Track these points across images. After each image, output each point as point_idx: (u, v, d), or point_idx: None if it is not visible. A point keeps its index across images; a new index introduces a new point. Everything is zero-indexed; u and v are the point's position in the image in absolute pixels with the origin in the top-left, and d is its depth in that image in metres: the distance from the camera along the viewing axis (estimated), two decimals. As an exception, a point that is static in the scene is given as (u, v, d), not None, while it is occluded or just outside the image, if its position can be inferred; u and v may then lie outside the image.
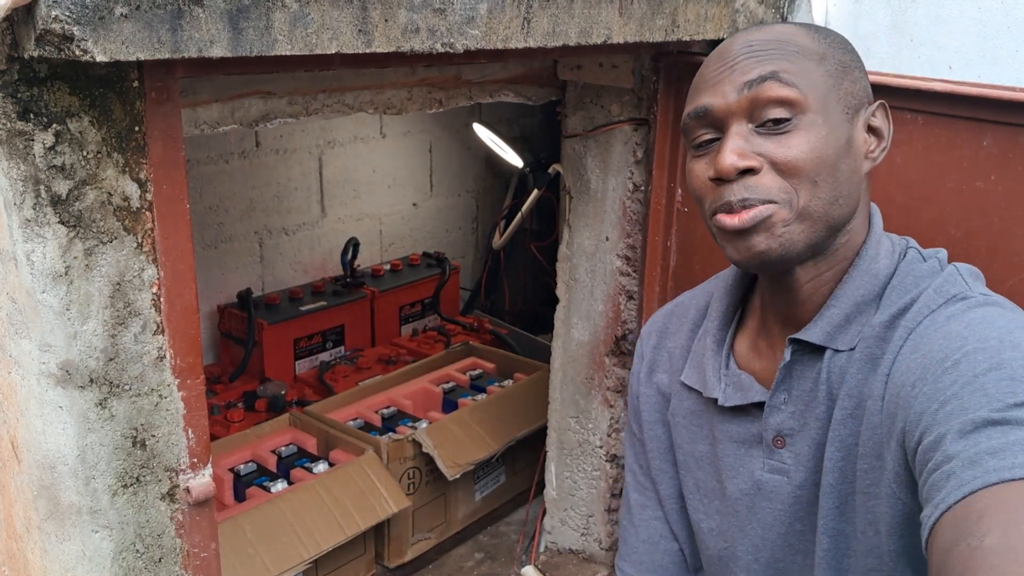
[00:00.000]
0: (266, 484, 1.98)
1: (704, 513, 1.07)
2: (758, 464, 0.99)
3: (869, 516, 0.89)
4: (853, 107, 0.91)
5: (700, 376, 1.04)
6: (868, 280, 0.92)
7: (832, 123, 0.88)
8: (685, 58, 1.61)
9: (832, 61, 0.91)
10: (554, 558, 2.10)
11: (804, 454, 0.95)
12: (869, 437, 0.88)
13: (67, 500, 1.07)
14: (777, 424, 0.96)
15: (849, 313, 0.92)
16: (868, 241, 0.94)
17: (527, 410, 2.29)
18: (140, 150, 1.02)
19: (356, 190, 3.01)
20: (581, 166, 1.85)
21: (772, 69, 0.88)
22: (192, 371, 1.13)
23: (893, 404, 0.84)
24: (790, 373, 0.95)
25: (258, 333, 2.48)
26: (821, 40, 0.92)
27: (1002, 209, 1.24)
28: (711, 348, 1.03)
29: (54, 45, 0.84)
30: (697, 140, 0.93)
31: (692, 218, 1.67)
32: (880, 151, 0.94)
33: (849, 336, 0.92)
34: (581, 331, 1.93)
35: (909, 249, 0.96)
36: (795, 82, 0.87)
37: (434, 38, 1.10)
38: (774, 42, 0.91)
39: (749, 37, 0.93)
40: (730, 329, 1.04)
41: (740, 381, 1.00)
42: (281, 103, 1.36)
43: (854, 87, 0.92)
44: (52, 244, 0.97)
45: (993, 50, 1.38)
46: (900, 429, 0.81)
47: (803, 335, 0.93)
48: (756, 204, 0.87)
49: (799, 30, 0.93)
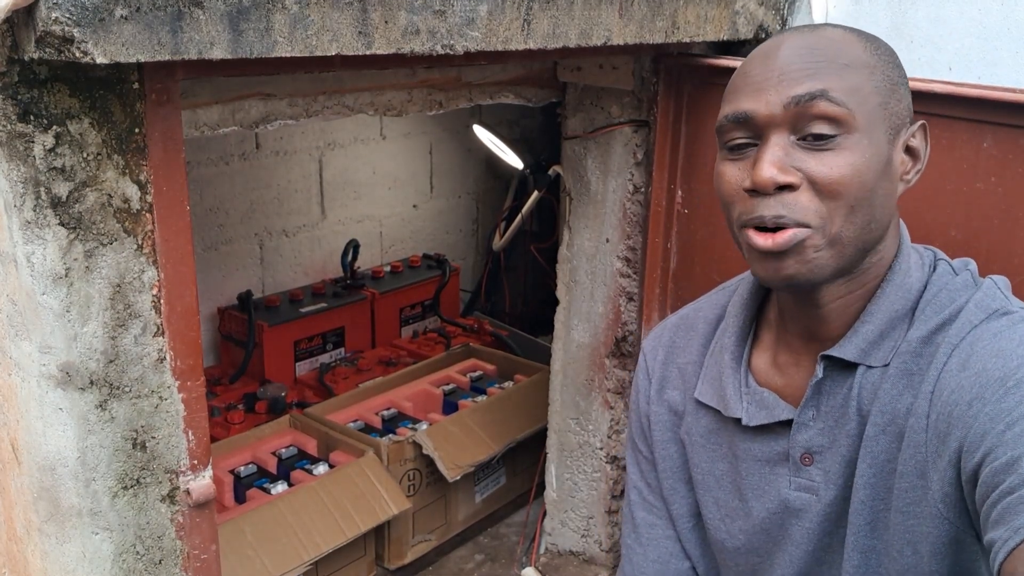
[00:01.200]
0: (266, 486, 1.98)
1: (727, 533, 1.03)
2: (784, 483, 0.96)
3: (908, 536, 0.86)
4: (896, 127, 0.87)
5: (718, 394, 1.01)
6: (902, 295, 0.90)
7: (875, 144, 0.85)
8: (685, 60, 1.61)
9: (881, 76, 0.87)
10: (554, 560, 2.10)
11: (834, 471, 0.93)
12: (911, 456, 0.85)
13: (67, 502, 1.07)
14: (805, 441, 0.94)
15: (883, 329, 0.90)
16: (899, 256, 0.92)
17: (527, 412, 2.29)
18: (140, 152, 1.02)
19: (356, 192, 3.01)
20: (581, 168, 1.85)
21: (823, 87, 0.83)
22: (192, 373, 1.13)
23: (944, 423, 0.81)
24: (820, 390, 0.93)
25: (258, 335, 2.48)
26: (872, 52, 0.88)
27: (1002, 211, 1.24)
28: (729, 365, 1.00)
29: (54, 47, 0.84)
30: (731, 143, 0.89)
31: (692, 220, 1.67)
32: (915, 173, 0.91)
33: (883, 352, 0.90)
34: (581, 333, 1.93)
35: (939, 261, 0.93)
36: (845, 101, 0.83)
37: (434, 40, 1.10)
38: (825, 51, 0.86)
39: (799, 42, 0.88)
40: (747, 344, 1.01)
41: (763, 399, 0.97)
42: (281, 105, 1.36)
43: (899, 106, 0.88)
44: (52, 246, 0.97)
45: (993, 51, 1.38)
46: (955, 449, 0.79)
47: (837, 352, 0.91)
48: (790, 225, 0.84)
49: (850, 37, 0.88)
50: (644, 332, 1.77)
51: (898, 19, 1.48)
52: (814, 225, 0.84)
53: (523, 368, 2.57)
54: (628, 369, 1.86)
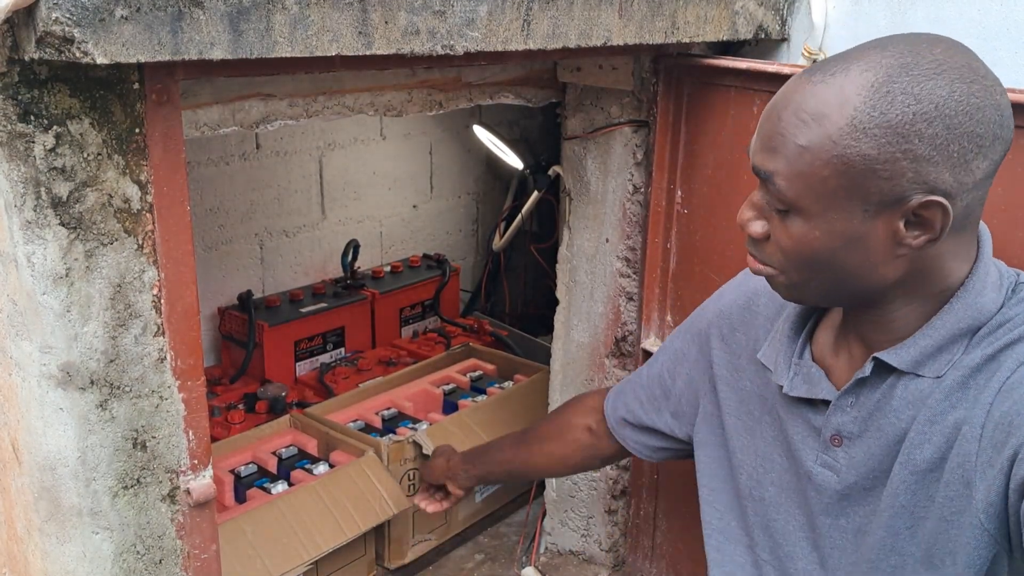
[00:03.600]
0: (266, 485, 1.98)
1: (757, 481, 1.10)
2: (811, 455, 1.01)
3: (950, 545, 0.88)
4: (879, 203, 0.83)
5: (774, 357, 1.06)
6: (970, 314, 0.89)
7: (832, 223, 0.84)
8: (685, 60, 1.61)
9: (857, 155, 0.81)
10: (554, 559, 2.10)
11: (857, 459, 0.96)
12: (959, 464, 0.86)
13: (68, 502, 1.07)
14: (838, 424, 0.98)
15: (942, 344, 0.90)
16: (975, 272, 0.90)
17: (527, 412, 2.29)
18: (141, 152, 1.02)
19: (356, 192, 3.01)
20: (581, 168, 1.85)
21: (772, 168, 0.86)
22: (193, 373, 1.13)
23: (1002, 432, 0.82)
24: (863, 383, 0.96)
25: (258, 335, 2.48)
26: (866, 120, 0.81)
27: (1002, 211, 1.24)
28: (788, 335, 1.05)
29: (55, 47, 0.84)
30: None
31: (692, 220, 1.67)
32: (922, 240, 0.85)
33: (938, 365, 0.90)
34: (581, 333, 1.93)
35: (1020, 284, 0.92)
36: (786, 189, 0.86)
37: (434, 40, 1.11)
38: (799, 121, 0.84)
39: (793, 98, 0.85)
40: (812, 318, 1.05)
41: (811, 374, 1.01)
42: (281, 105, 1.36)
43: (887, 183, 0.82)
44: (53, 246, 0.97)
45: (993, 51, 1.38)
46: (1008, 457, 0.81)
47: (890, 358, 0.92)
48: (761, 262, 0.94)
49: (845, 106, 0.82)
50: (644, 332, 1.78)
51: (897, 19, 1.48)
52: (776, 269, 0.92)
53: (523, 368, 2.57)
54: (628, 369, 1.86)
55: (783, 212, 0.88)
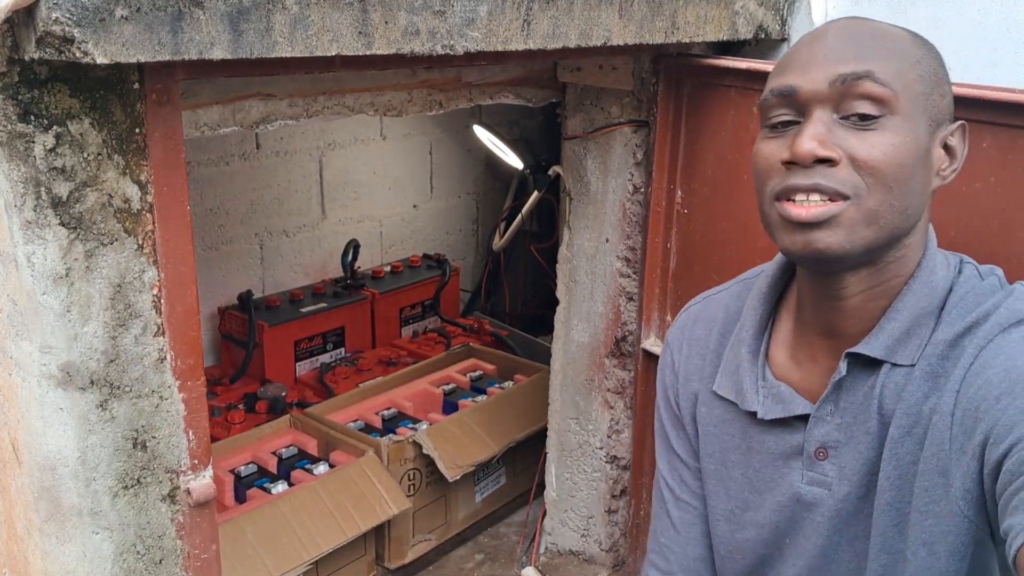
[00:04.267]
0: (267, 485, 1.98)
1: (738, 523, 1.04)
2: (797, 476, 0.97)
3: (924, 536, 0.87)
4: (936, 120, 0.89)
5: (735, 387, 1.02)
6: (928, 293, 0.91)
7: (916, 131, 0.86)
8: (685, 60, 1.61)
9: (926, 68, 0.88)
10: (554, 559, 2.10)
11: (849, 467, 0.93)
12: (933, 454, 0.86)
13: (68, 502, 1.07)
14: (821, 436, 0.94)
15: (909, 327, 0.90)
16: (926, 256, 0.93)
17: (527, 411, 2.29)
18: (141, 152, 1.02)
19: (356, 192, 3.01)
20: (581, 168, 1.85)
21: (869, 68, 0.84)
22: (193, 373, 1.13)
23: (971, 419, 0.82)
24: (841, 386, 0.93)
25: (258, 335, 2.49)
26: (919, 45, 0.90)
27: (1001, 211, 1.24)
28: (746, 359, 1.01)
29: (55, 47, 0.84)
30: (773, 120, 0.90)
31: (692, 220, 1.67)
32: (951, 171, 0.91)
33: (909, 350, 0.90)
34: (581, 332, 1.93)
35: (964, 264, 0.94)
36: (890, 82, 0.84)
37: (434, 40, 1.11)
38: (874, 36, 0.88)
39: (848, 26, 0.90)
40: (765, 337, 1.02)
41: (780, 393, 0.97)
42: (281, 105, 1.36)
43: (941, 101, 0.89)
44: (53, 246, 0.97)
45: (992, 51, 1.38)
46: (979, 442, 0.80)
47: (863, 349, 0.91)
48: (827, 193, 0.84)
49: (898, 30, 0.91)
50: (644, 332, 1.78)
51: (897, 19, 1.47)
52: (851, 196, 0.84)
53: (523, 368, 2.57)
54: (628, 369, 1.86)
55: (871, 120, 0.84)
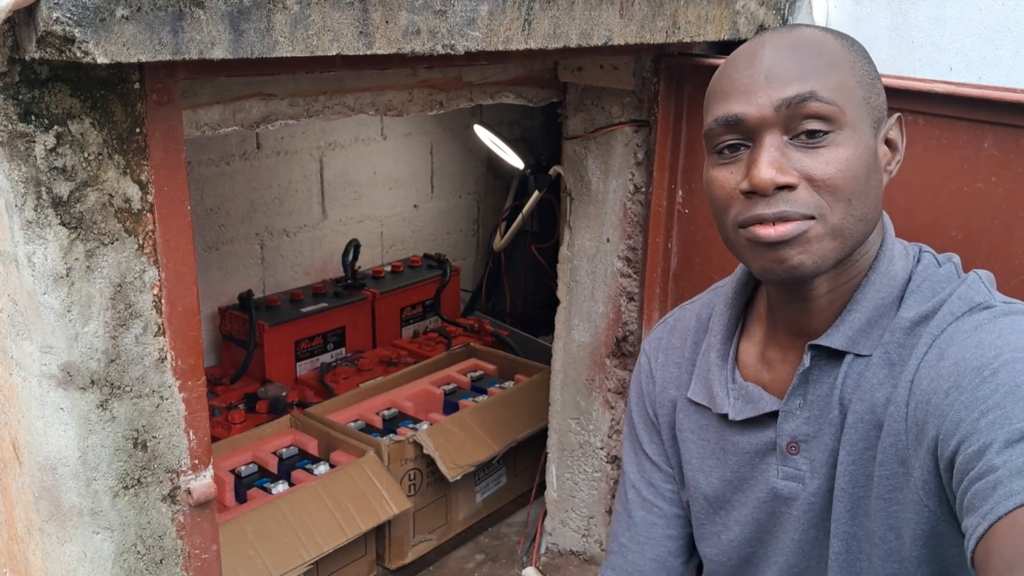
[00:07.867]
0: (267, 485, 1.98)
1: (721, 524, 1.05)
2: (772, 472, 0.98)
3: (890, 521, 0.88)
4: (877, 120, 0.90)
5: (707, 392, 1.03)
6: (887, 283, 0.92)
7: (863, 137, 0.87)
8: (686, 60, 1.61)
9: (861, 71, 0.89)
10: (555, 559, 2.10)
11: (818, 460, 0.94)
12: (891, 444, 0.87)
13: (68, 502, 1.07)
14: (792, 430, 0.96)
15: (870, 317, 0.91)
16: (884, 247, 0.94)
17: (528, 412, 2.29)
18: (141, 152, 1.02)
19: (357, 192, 3.01)
20: (582, 168, 1.85)
21: (811, 88, 0.85)
22: (193, 373, 1.13)
23: (922, 411, 0.83)
24: (807, 379, 0.94)
25: (259, 335, 2.49)
26: (849, 48, 0.90)
27: (1003, 211, 1.24)
28: (716, 363, 1.02)
29: (55, 47, 0.84)
30: (720, 145, 0.90)
31: (693, 219, 1.67)
32: (896, 164, 0.93)
33: (871, 340, 0.91)
34: (582, 333, 1.93)
35: (923, 253, 0.96)
36: (834, 98, 0.85)
37: (435, 40, 1.11)
38: (808, 51, 0.87)
39: (780, 42, 0.89)
40: (733, 341, 1.03)
41: (749, 393, 0.99)
42: (282, 105, 1.36)
43: (878, 99, 0.90)
44: (53, 246, 0.97)
45: (994, 51, 1.38)
46: (932, 437, 0.81)
47: (824, 341, 0.92)
48: (794, 218, 0.85)
49: (827, 36, 0.90)
50: (645, 332, 1.78)
51: (899, 19, 1.48)
52: (816, 215, 0.85)
53: (523, 368, 2.57)
54: (628, 369, 1.86)
55: (820, 136, 0.85)
